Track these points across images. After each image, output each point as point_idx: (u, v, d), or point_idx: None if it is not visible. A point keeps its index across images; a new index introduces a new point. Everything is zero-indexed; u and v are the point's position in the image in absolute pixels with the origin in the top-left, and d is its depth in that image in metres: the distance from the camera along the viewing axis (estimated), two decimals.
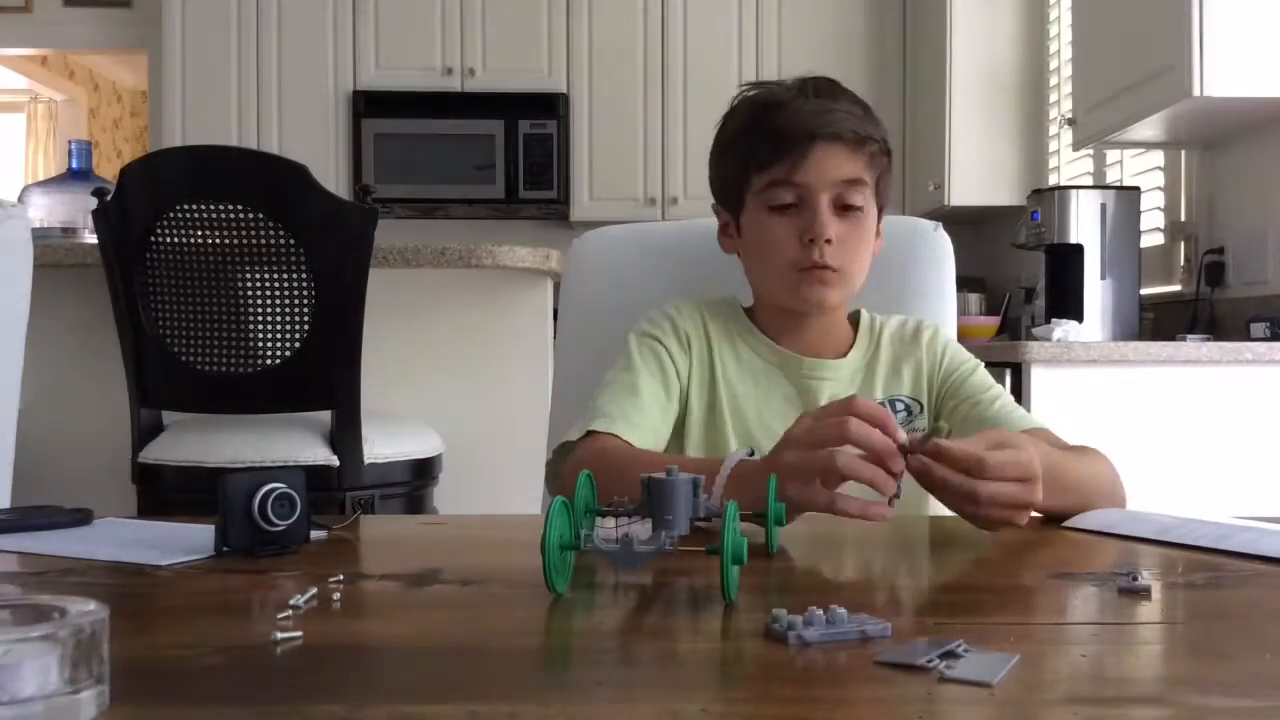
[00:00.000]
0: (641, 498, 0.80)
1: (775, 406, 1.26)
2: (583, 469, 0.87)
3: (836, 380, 1.27)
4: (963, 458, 0.88)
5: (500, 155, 4.68)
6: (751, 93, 1.26)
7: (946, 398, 1.29)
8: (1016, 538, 0.94)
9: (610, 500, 0.84)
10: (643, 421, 1.20)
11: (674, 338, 1.28)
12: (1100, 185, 3.44)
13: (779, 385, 1.27)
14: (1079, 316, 3.04)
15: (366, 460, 2.09)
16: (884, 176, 1.24)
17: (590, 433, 1.16)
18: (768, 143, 1.20)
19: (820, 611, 0.63)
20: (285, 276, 2.02)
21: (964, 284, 4.53)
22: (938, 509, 0.99)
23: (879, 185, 1.24)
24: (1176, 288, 3.27)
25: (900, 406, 1.27)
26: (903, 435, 0.89)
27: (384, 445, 2.14)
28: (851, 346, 1.30)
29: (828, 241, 1.19)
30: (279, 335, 2.04)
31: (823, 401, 1.23)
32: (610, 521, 0.83)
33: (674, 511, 0.78)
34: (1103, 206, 3.09)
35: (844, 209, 1.21)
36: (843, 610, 0.63)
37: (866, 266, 1.25)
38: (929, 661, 0.57)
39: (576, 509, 0.82)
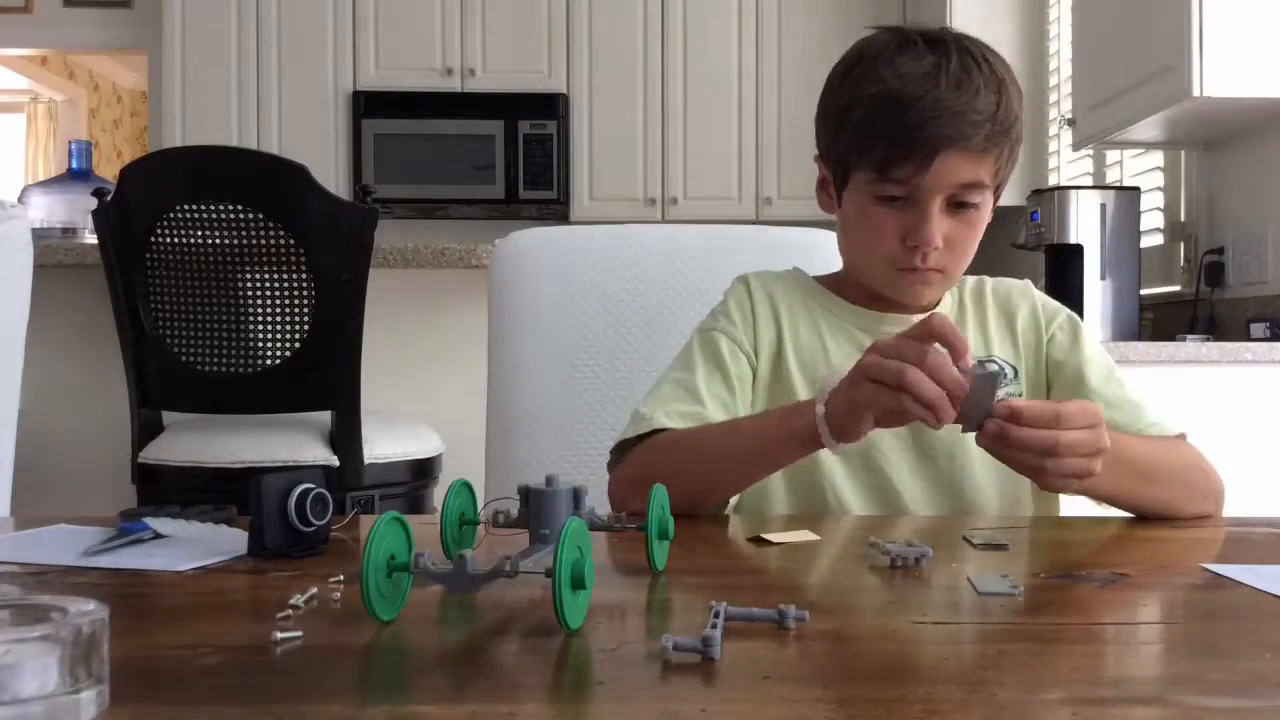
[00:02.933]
0: (519, 509, 0.76)
1: (851, 357, 1.16)
2: (645, 469, 0.90)
3: None
4: (1041, 413, 0.91)
5: (500, 155, 4.68)
6: (884, 63, 1.11)
7: (1054, 374, 1.23)
8: (1010, 538, 0.94)
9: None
10: (701, 411, 1.16)
11: (737, 320, 1.23)
12: (1100, 185, 3.44)
13: (853, 337, 1.21)
14: (1079, 316, 3.04)
15: (366, 460, 2.09)
16: (1009, 163, 1.15)
17: (650, 433, 1.14)
18: (888, 143, 1.09)
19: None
20: (285, 276, 2.02)
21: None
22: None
23: (1003, 174, 1.16)
24: (1176, 288, 3.27)
25: (994, 367, 1.19)
26: (972, 360, 0.92)
27: (384, 445, 2.14)
28: (936, 304, 1.23)
29: (935, 247, 1.12)
30: (279, 335, 2.04)
31: None
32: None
33: (553, 524, 0.74)
34: (1103, 207, 3.09)
35: (958, 206, 1.12)
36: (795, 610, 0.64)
37: (972, 256, 1.19)
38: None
39: (449, 521, 0.81)
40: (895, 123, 1.08)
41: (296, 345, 2.03)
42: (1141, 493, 1.07)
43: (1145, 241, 3.27)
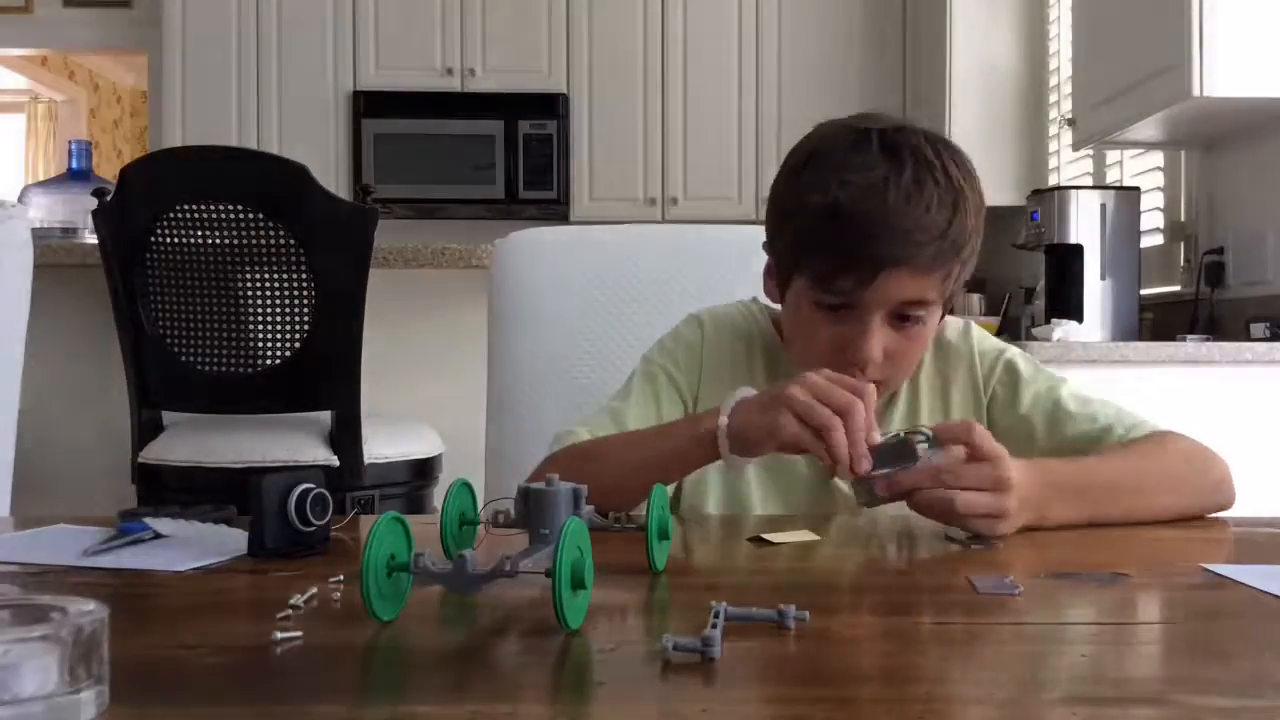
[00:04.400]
0: (519, 509, 0.76)
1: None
2: (547, 472, 0.82)
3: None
4: (918, 479, 0.92)
5: (500, 155, 4.68)
6: (832, 169, 1.06)
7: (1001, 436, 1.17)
8: (1013, 537, 0.94)
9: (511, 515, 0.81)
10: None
11: (681, 364, 1.20)
12: (1100, 185, 3.44)
13: None
14: (1079, 317, 3.04)
15: (366, 460, 2.09)
16: (961, 277, 1.09)
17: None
18: (829, 257, 1.04)
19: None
20: (285, 277, 2.02)
21: (964, 284, 4.53)
22: None
23: (954, 289, 1.10)
24: (1176, 288, 3.27)
25: (920, 439, 1.14)
26: (876, 436, 0.92)
27: (384, 445, 2.14)
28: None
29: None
30: (279, 335, 2.04)
31: None
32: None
33: (553, 524, 0.73)
34: (1103, 207, 3.09)
35: (901, 319, 1.07)
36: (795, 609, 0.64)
37: (914, 368, 1.15)
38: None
39: (449, 521, 0.81)
40: (837, 238, 1.03)
41: (296, 345, 2.03)
42: (1118, 509, 1.02)
43: (1145, 241, 3.27)
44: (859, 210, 1.02)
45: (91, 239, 2.44)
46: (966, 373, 1.19)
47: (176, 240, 2.04)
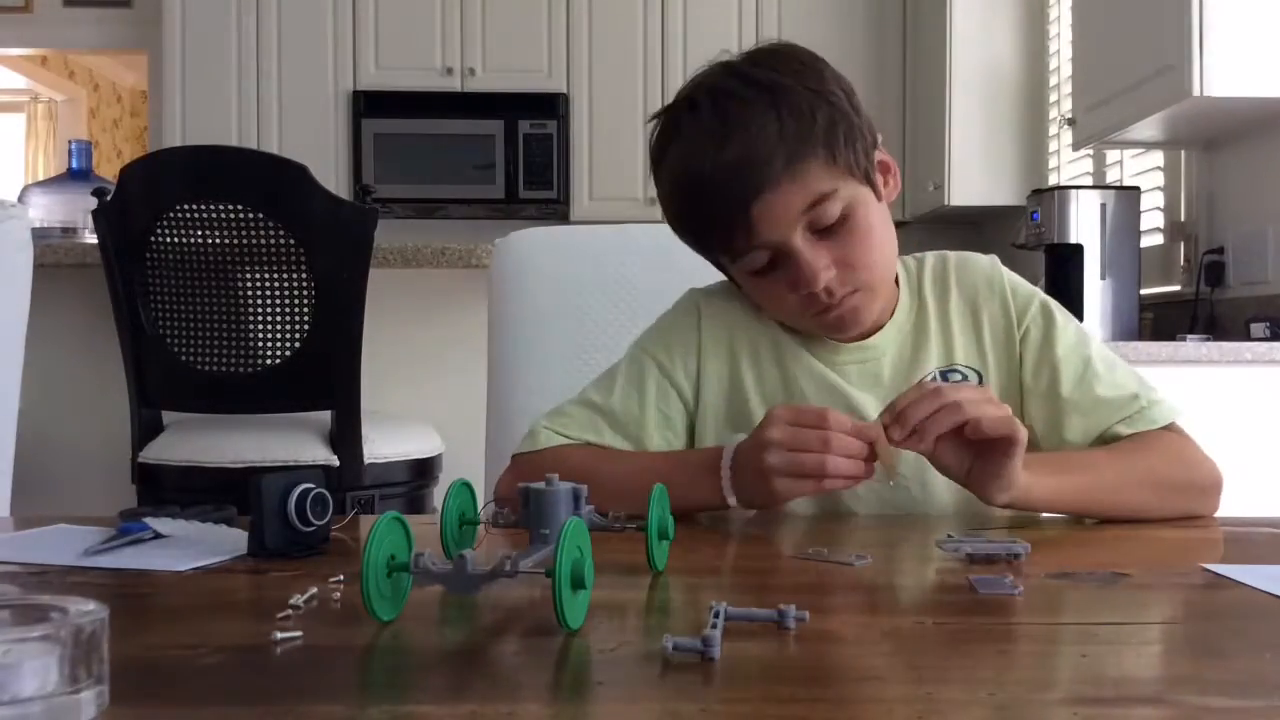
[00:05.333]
0: (520, 510, 0.76)
1: (812, 385, 1.13)
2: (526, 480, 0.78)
3: (878, 360, 1.14)
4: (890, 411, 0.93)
5: (500, 155, 4.68)
6: (661, 158, 1.08)
7: (1028, 380, 1.15)
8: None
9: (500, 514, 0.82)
10: (603, 436, 1.13)
11: (676, 351, 1.16)
12: (1100, 185, 3.44)
13: (809, 371, 1.13)
14: (1079, 316, 3.02)
15: (366, 460, 2.10)
16: (850, 146, 1.03)
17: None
18: (705, 228, 1.06)
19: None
20: (285, 276, 2.02)
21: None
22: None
23: (849, 160, 1.03)
24: (1176, 288, 3.27)
25: (957, 378, 1.13)
26: (876, 433, 0.93)
27: (384, 445, 2.14)
28: (894, 309, 1.15)
29: (828, 283, 1.04)
30: (279, 335, 2.04)
31: (869, 386, 1.13)
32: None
33: (553, 524, 0.73)
34: (1103, 206, 3.09)
35: (824, 228, 1.03)
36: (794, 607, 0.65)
37: (889, 252, 1.09)
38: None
39: (449, 521, 0.81)
40: (697, 205, 1.04)
41: (296, 345, 2.03)
42: (1093, 504, 1.04)
43: (1145, 241, 3.27)
44: (691, 180, 1.03)
45: (91, 239, 2.44)
46: (999, 306, 1.16)
47: (176, 240, 2.04)
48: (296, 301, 2.03)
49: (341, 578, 0.77)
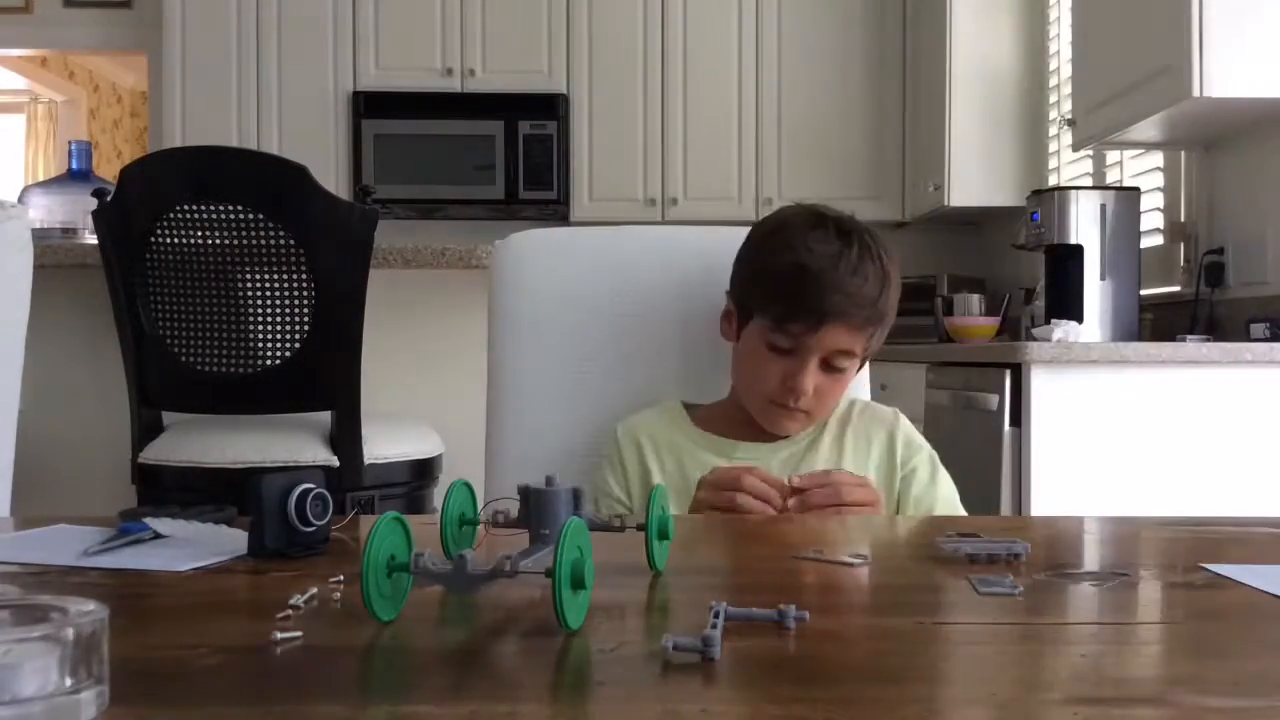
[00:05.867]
0: (520, 509, 0.77)
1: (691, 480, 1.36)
2: None
3: (766, 460, 1.35)
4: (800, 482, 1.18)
5: (500, 155, 4.68)
6: (796, 240, 1.32)
7: (906, 507, 1.40)
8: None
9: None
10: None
11: (617, 469, 1.41)
12: (1100, 186, 3.44)
13: (707, 463, 1.34)
14: (1079, 317, 3.04)
15: (366, 460, 2.09)
16: (877, 340, 1.37)
17: None
18: (789, 304, 1.30)
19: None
20: (285, 277, 2.02)
21: (964, 284, 4.55)
22: None
23: (871, 347, 1.37)
24: (1176, 288, 3.27)
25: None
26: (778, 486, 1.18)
27: (384, 445, 2.14)
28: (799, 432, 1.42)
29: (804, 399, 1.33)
30: (279, 335, 2.04)
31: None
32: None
33: (553, 524, 0.74)
34: (1102, 207, 3.09)
35: (831, 366, 1.33)
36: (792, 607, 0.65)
37: (836, 404, 1.41)
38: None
39: (449, 521, 0.81)
40: (799, 290, 1.29)
41: (296, 345, 2.03)
42: None
43: (1145, 241, 3.27)
44: (818, 270, 1.29)
45: (91, 239, 2.44)
46: (888, 441, 1.41)
47: (176, 240, 2.04)
48: (296, 302, 2.02)
49: (341, 578, 0.77)
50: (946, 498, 1.39)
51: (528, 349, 1.52)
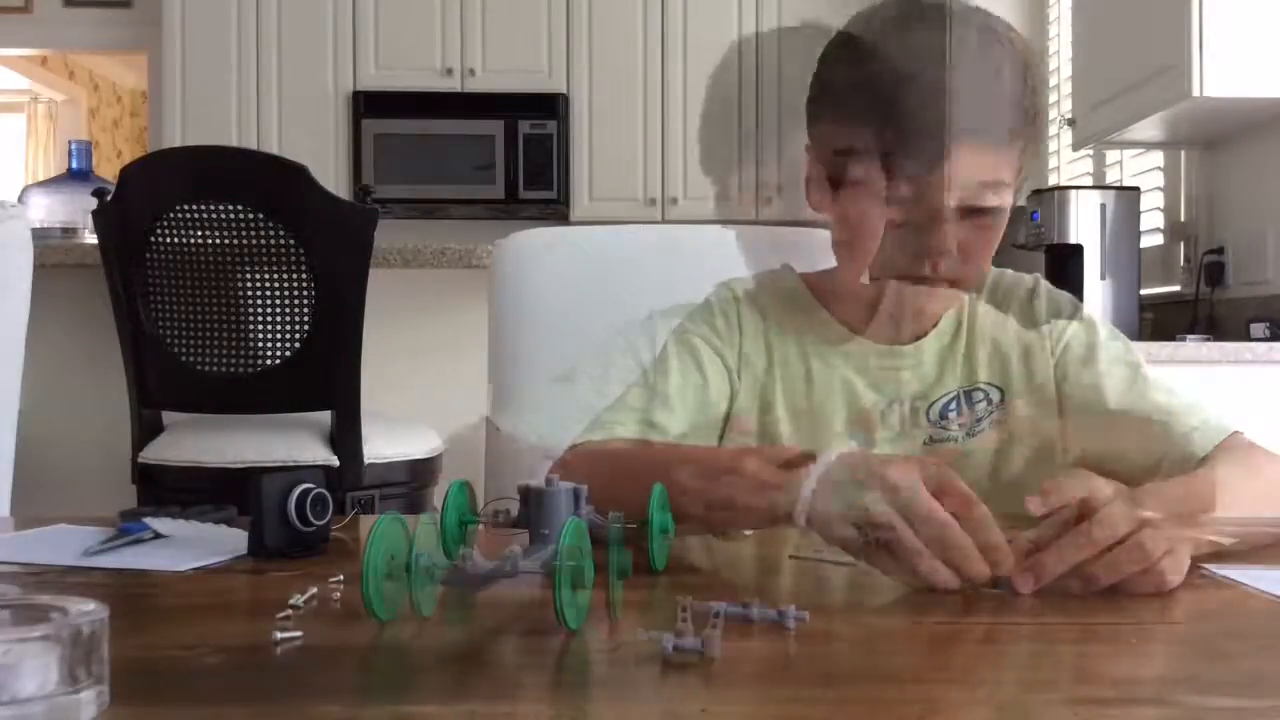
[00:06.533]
0: (520, 509, 0.76)
1: (836, 392, 1.10)
2: (586, 475, 0.78)
3: (913, 367, 1.10)
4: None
5: (500, 155, 4.68)
6: (886, 40, 0.95)
7: (1067, 395, 1.09)
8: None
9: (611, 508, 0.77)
10: (668, 421, 1.06)
11: (717, 328, 1.13)
12: (1100, 185, 3.44)
13: (840, 372, 1.10)
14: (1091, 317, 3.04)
15: (366, 460, 2.09)
16: (1033, 158, 1.02)
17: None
18: (894, 135, 0.92)
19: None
20: (285, 276, 2.02)
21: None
22: None
23: (1025, 164, 1.00)
24: (1176, 288, 3.27)
25: (979, 397, 1.09)
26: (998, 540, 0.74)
27: (384, 445, 2.14)
28: (936, 321, 1.10)
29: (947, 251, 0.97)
30: (279, 335, 2.04)
31: (892, 390, 1.09)
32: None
33: (552, 524, 0.73)
34: (1102, 207, 3.09)
35: (974, 209, 0.97)
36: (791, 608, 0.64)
37: (989, 266, 1.07)
38: None
39: (448, 520, 0.81)
40: (902, 110, 0.91)
41: (296, 345, 2.03)
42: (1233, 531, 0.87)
43: (1145, 241, 3.27)
44: (925, 77, 0.90)
45: (91, 239, 2.44)
46: (1032, 320, 1.10)
47: (176, 240, 2.04)
48: (296, 302, 2.02)
49: (341, 578, 0.76)
50: (1109, 371, 1.04)
51: (528, 348, 1.52)
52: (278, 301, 2.03)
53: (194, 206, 2.01)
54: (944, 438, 1.08)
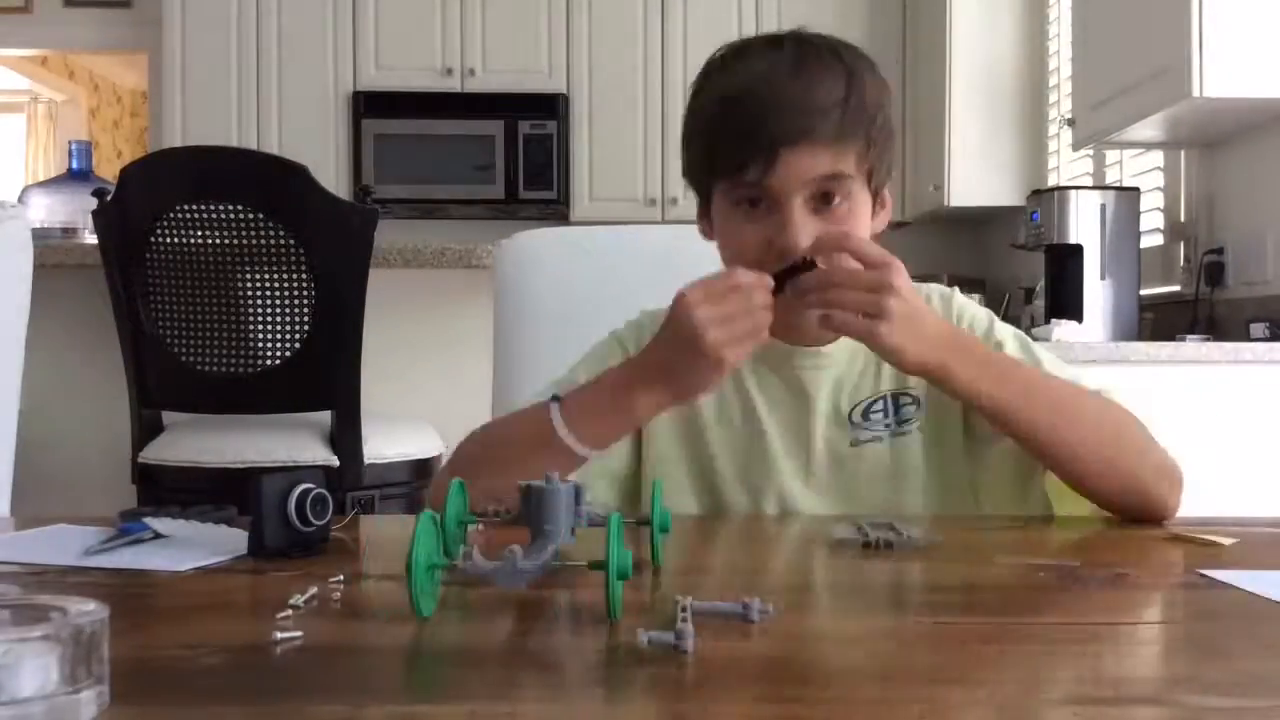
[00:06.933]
0: (520, 507, 0.77)
1: (769, 404, 1.14)
2: (454, 465, 0.89)
3: (837, 367, 1.14)
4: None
5: (500, 155, 4.68)
6: (719, 71, 1.09)
7: None
8: (1011, 538, 0.94)
9: (481, 502, 0.83)
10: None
11: (642, 341, 1.17)
12: (1100, 185, 3.44)
13: (769, 382, 1.15)
14: (1079, 317, 3.04)
15: (366, 460, 2.09)
16: (880, 155, 1.07)
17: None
18: (730, 144, 1.04)
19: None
20: (285, 276, 2.02)
21: (964, 284, 4.53)
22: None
23: (873, 165, 1.07)
24: (1176, 288, 3.27)
25: (906, 400, 1.13)
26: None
27: (384, 445, 2.14)
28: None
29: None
30: (279, 335, 2.04)
31: (824, 395, 1.13)
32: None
33: (554, 521, 0.75)
34: (1102, 207, 3.09)
35: (824, 199, 1.04)
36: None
37: None
38: None
39: (448, 521, 0.81)
40: (735, 120, 1.03)
41: (296, 345, 2.03)
42: (1032, 412, 1.01)
43: (1145, 241, 3.27)
44: (746, 93, 1.04)
45: (91, 239, 2.44)
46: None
47: (176, 240, 2.04)
48: (296, 302, 2.03)
49: (341, 578, 0.77)
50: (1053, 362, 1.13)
51: (532, 348, 1.52)
52: (278, 301, 2.03)
53: (194, 206, 2.01)
54: (869, 438, 1.12)
